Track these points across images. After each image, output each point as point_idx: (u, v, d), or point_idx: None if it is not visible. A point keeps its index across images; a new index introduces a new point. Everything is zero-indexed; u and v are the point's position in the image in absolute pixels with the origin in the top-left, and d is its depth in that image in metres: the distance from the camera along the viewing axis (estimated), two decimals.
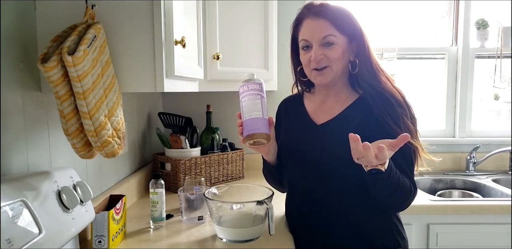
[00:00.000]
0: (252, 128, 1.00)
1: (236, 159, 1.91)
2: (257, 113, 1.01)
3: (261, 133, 1.00)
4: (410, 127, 1.05)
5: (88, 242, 1.08)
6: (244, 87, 1.05)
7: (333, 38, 1.07)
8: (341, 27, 1.07)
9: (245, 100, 1.03)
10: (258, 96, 1.03)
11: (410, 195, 1.06)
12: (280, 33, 1.95)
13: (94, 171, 1.28)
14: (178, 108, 2.09)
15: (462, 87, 2.19)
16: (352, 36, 1.09)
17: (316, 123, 1.16)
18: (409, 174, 1.06)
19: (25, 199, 0.73)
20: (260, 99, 1.03)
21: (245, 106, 1.03)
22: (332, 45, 1.07)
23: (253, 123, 1.00)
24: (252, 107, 1.02)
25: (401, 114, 1.05)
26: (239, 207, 1.12)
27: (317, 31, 1.08)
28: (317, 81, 1.13)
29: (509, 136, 2.15)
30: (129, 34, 0.92)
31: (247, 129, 1.00)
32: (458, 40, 2.19)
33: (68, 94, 0.83)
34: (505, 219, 1.58)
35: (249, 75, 1.07)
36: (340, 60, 1.09)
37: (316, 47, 1.08)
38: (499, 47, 2.15)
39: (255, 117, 1.01)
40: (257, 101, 1.02)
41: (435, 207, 1.59)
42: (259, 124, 1.00)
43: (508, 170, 2.13)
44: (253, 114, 1.01)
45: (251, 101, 1.02)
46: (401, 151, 1.04)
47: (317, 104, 1.20)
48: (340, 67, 1.10)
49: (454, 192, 2.01)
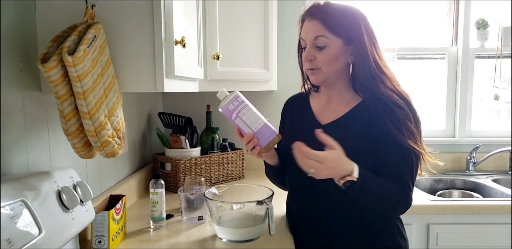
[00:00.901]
0: (264, 136, 1.05)
1: (236, 159, 1.91)
2: (260, 121, 1.05)
3: (274, 138, 1.05)
4: (413, 131, 1.04)
5: (88, 242, 1.08)
6: (230, 106, 1.06)
7: (324, 40, 1.06)
8: (335, 29, 1.05)
9: (243, 115, 1.05)
10: (247, 107, 1.06)
11: (398, 205, 1.05)
12: (280, 33, 1.95)
13: (94, 171, 1.28)
14: (178, 108, 2.09)
15: (462, 87, 2.19)
16: (349, 38, 1.06)
17: (321, 123, 1.16)
18: (406, 180, 1.04)
19: (25, 199, 0.73)
20: (251, 108, 1.06)
21: (246, 120, 1.05)
22: (323, 48, 1.07)
23: (263, 132, 1.05)
24: (252, 118, 1.05)
25: (403, 118, 1.03)
26: (239, 207, 1.12)
27: (310, 32, 1.08)
28: (311, 80, 1.14)
29: (509, 136, 2.15)
30: (129, 34, 0.92)
31: (262, 140, 1.05)
32: (458, 40, 2.19)
33: (68, 94, 0.83)
34: (505, 219, 1.58)
35: (221, 93, 1.07)
36: (331, 63, 1.08)
37: (308, 47, 1.09)
38: (499, 47, 2.15)
39: (260, 126, 1.05)
40: (250, 111, 1.05)
41: (435, 207, 1.59)
42: (268, 131, 1.05)
43: (508, 170, 2.13)
44: (256, 125, 1.05)
45: (248, 114, 1.05)
46: (402, 155, 1.04)
47: (323, 104, 1.19)
48: (333, 70, 1.09)
49: (454, 192, 2.01)
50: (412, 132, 1.04)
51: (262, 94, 2.05)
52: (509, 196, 1.74)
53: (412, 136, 1.03)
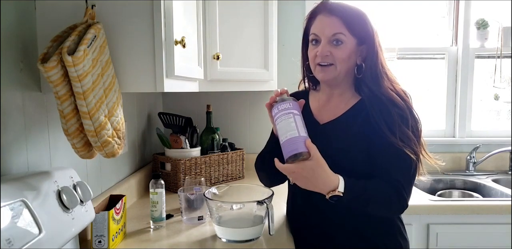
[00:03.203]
0: (290, 149, 0.95)
1: (236, 159, 1.91)
2: (292, 132, 0.97)
3: (300, 153, 0.95)
4: (407, 133, 1.03)
5: (88, 242, 1.08)
6: (275, 110, 1.02)
7: (342, 37, 1.06)
8: (353, 28, 1.06)
9: (278, 122, 1.00)
10: (290, 115, 0.99)
11: (392, 205, 1.04)
12: (280, 33, 1.95)
13: (94, 171, 1.28)
14: (178, 108, 2.09)
15: (462, 87, 2.19)
16: (363, 39, 1.08)
17: (319, 122, 1.16)
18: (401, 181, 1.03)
19: (25, 199, 0.73)
20: (292, 117, 0.99)
21: (279, 129, 1.00)
22: (340, 44, 1.07)
23: (290, 144, 0.96)
24: (286, 127, 0.98)
25: (398, 121, 1.03)
26: (239, 207, 1.12)
27: (328, 28, 1.07)
28: (320, 76, 1.12)
29: (509, 136, 2.15)
30: (129, 34, 0.92)
31: (286, 152, 0.97)
32: (458, 40, 2.19)
33: (68, 94, 0.83)
34: (505, 219, 1.58)
35: (280, 97, 1.03)
36: (345, 61, 1.08)
37: (324, 43, 1.07)
38: (499, 47, 2.15)
39: (290, 137, 0.96)
40: (289, 120, 0.98)
41: (435, 207, 1.59)
42: (296, 143, 0.95)
43: (508, 170, 2.13)
44: (288, 135, 0.97)
45: (284, 122, 0.99)
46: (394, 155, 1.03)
47: (322, 103, 1.19)
48: (345, 68, 1.09)
49: (454, 192, 2.01)
50: (407, 135, 1.03)
51: (262, 94, 2.05)
52: (509, 196, 1.74)
53: (407, 138, 1.03)
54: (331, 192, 0.96)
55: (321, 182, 0.96)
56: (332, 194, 0.96)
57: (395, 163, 1.04)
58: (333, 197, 0.96)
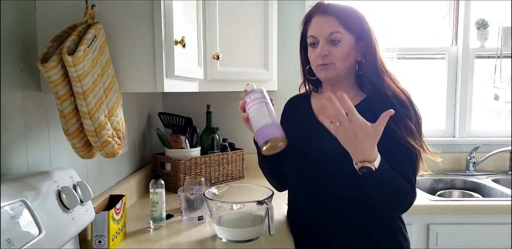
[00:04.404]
0: (265, 134, 0.96)
1: (236, 159, 1.91)
2: (266, 119, 0.97)
3: (276, 137, 0.95)
4: (412, 128, 1.04)
5: (88, 242, 1.08)
6: (247, 100, 1.03)
7: (339, 36, 1.07)
8: (349, 25, 1.08)
9: (251, 111, 1.01)
10: (262, 103, 1.00)
11: (406, 199, 1.04)
12: (280, 33, 1.95)
13: (94, 171, 1.28)
14: (178, 108, 2.09)
15: (462, 87, 2.19)
16: (360, 36, 1.09)
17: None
18: (409, 177, 1.04)
19: (25, 199, 0.73)
20: (265, 106, 1.00)
21: (252, 117, 1.00)
22: (337, 43, 1.07)
23: (264, 129, 0.96)
24: (259, 115, 0.99)
25: (402, 114, 1.04)
26: (239, 207, 1.12)
27: (324, 28, 1.08)
28: (322, 75, 1.12)
29: (509, 136, 2.15)
30: (129, 34, 0.92)
31: (260, 137, 0.96)
32: (458, 40, 2.19)
33: (68, 94, 0.83)
34: (505, 219, 1.58)
35: (249, 87, 1.05)
36: (345, 59, 1.09)
37: (322, 43, 1.08)
38: (499, 47, 2.15)
39: (265, 124, 0.97)
40: (262, 108, 0.99)
41: (435, 207, 1.59)
42: (270, 129, 0.96)
43: (508, 170, 2.13)
44: (262, 122, 0.97)
45: (257, 110, 1.00)
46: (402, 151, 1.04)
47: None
48: (345, 66, 1.10)
49: (454, 192, 2.01)
50: (410, 129, 1.04)
51: None
52: (509, 196, 1.74)
53: (411, 133, 1.04)
54: (366, 163, 0.94)
55: (365, 148, 0.94)
56: (366, 165, 0.94)
57: (403, 160, 1.04)
58: (364, 169, 0.95)
